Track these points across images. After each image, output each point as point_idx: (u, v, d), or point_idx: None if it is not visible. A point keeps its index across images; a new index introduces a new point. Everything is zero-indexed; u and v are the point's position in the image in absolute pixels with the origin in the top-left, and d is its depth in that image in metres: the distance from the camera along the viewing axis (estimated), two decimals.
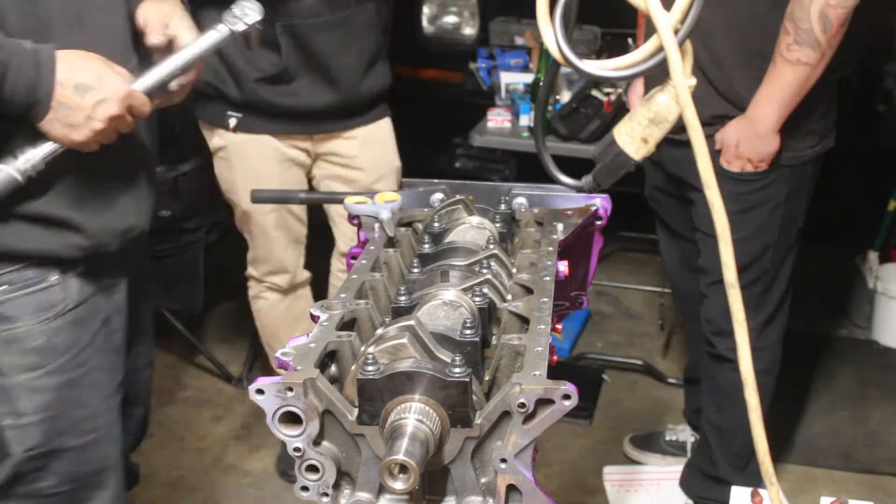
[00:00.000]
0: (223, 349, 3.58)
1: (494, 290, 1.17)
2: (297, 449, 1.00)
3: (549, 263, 1.23)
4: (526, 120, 3.36)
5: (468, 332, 1.04)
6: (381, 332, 1.05)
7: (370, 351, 0.98)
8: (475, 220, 1.33)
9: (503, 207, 1.41)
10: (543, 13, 1.11)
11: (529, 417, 0.95)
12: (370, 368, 0.96)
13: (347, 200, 1.43)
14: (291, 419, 0.99)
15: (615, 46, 3.63)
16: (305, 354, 1.02)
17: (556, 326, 1.29)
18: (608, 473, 2.90)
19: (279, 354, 1.03)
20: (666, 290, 3.55)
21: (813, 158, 2.31)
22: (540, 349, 1.02)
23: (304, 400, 0.97)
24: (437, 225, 1.33)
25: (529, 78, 3.54)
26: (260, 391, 0.98)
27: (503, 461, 0.98)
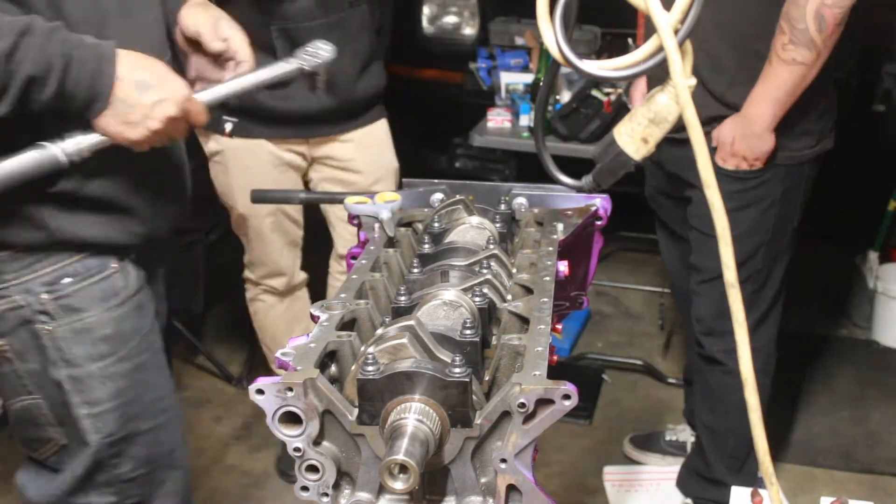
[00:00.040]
0: (223, 349, 3.59)
1: (494, 290, 1.17)
2: (297, 449, 1.00)
3: (549, 263, 1.23)
4: (526, 120, 3.36)
5: (468, 332, 1.04)
6: (381, 332, 1.05)
7: (370, 351, 0.98)
8: (475, 220, 1.33)
9: (503, 207, 1.41)
10: (543, 13, 1.11)
11: (529, 417, 0.95)
12: (370, 368, 0.96)
13: (347, 200, 1.43)
14: (291, 419, 0.99)
15: (615, 46, 3.63)
16: (305, 354, 1.02)
17: (556, 326, 1.29)
18: (608, 473, 2.90)
19: (279, 354, 1.03)
20: (666, 290, 3.55)
21: (811, 159, 2.30)
22: (540, 349, 1.02)
23: (304, 400, 0.97)
24: (437, 225, 1.33)
25: (529, 78, 3.54)
26: (260, 391, 0.98)
27: (503, 461, 0.98)
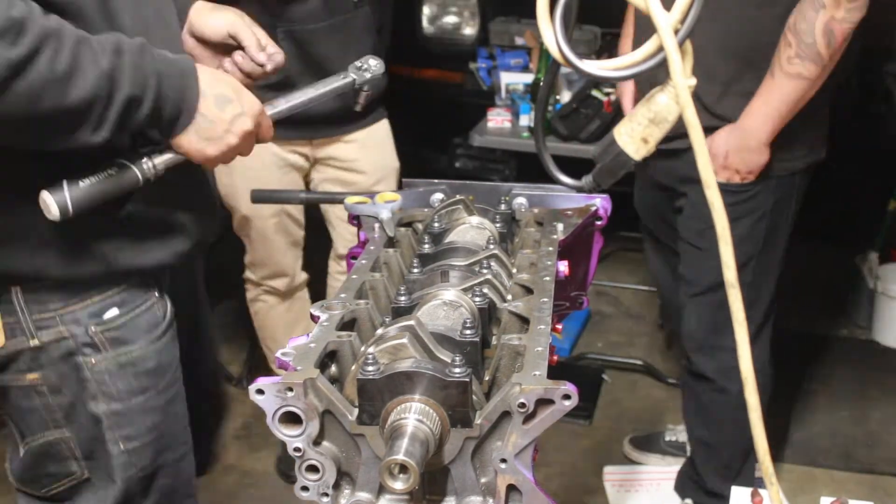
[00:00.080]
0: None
1: (494, 290, 1.17)
2: (297, 449, 1.00)
3: (549, 263, 1.23)
4: (526, 120, 3.36)
5: (468, 332, 1.03)
6: (381, 332, 1.05)
7: (370, 351, 0.98)
8: (475, 220, 1.33)
9: (503, 207, 1.41)
10: (543, 13, 1.11)
11: (529, 417, 0.95)
12: (370, 368, 0.96)
13: (348, 200, 1.43)
14: (291, 419, 0.99)
15: (615, 46, 3.62)
16: (305, 354, 1.02)
17: (556, 326, 1.29)
18: (608, 473, 2.90)
19: (279, 354, 1.03)
20: None
21: (802, 169, 2.25)
22: (540, 349, 1.02)
23: (304, 400, 0.97)
24: (437, 225, 1.32)
25: (529, 78, 3.54)
26: (260, 391, 0.98)
27: (503, 461, 0.98)
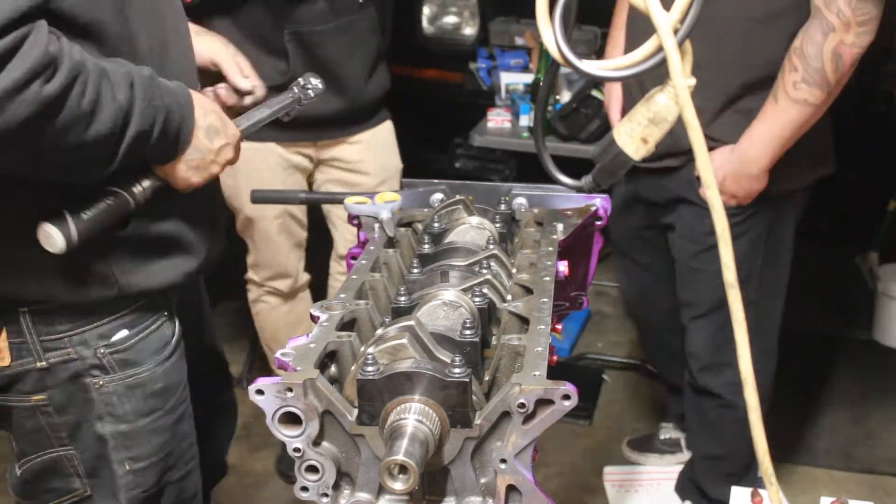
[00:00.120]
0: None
1: (494, 290, 1.17)
2: (296, 449, 1.00)
3: (548, 263, 1.23)
4: (526, 120, 3.36)
5: (468, 332, 1.03)
6: (380, 332, 1.05)
7: (370, 351, 0.98)
8: (475, 220, 1.33)
9: (503, 207, 1.41)
10: (543, 13, 1.11)
11: (529, 418, 0.95)
12: (370, 369, 0.96)
13: (347, 201, 1.43)
14: (291, 419, 0.99)
15: None
16: (305, 355, 1.02)
17: (555, 326, 1.29)
18: (608, 473, 2.90)
19: (279, 355, 1.03)
20: None
21: (802, 188, 2.20)
22: (540, 349, 1.02)
23: (303, 400, 0.97)
24: (436, 225, 1.32)
25: (529, 78, 3.54)
26: (260, 391, 0.98)
27: (503, 461, 0.98)
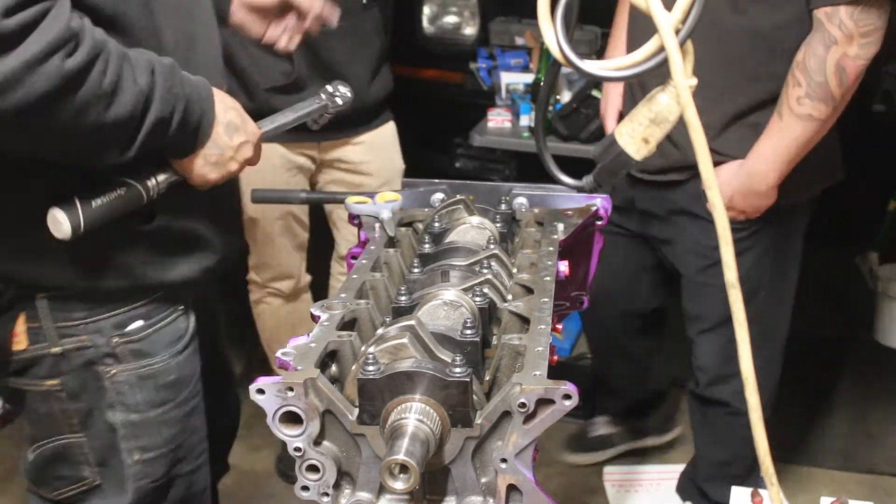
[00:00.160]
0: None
1: (495, 290, 1.17)
2: (297, 449, 1.00)
3: (549, 263, 1.23)
4: (526, 120, 3.36)
5: (468, 332, 1.03)
6: (381, 331, 1.05)
7: (371, 351, 0.98)
8: (475, 220, 1.33)
9: (503, 207, 1.41)
10: (544, 13, 1.11)
11: (530, 417, 0.95)
12: (371, 368, 0.96)
13: (348, 200, 1.43)
14: (292, 419, 0.99)
15: None
16: (306, 354, 1.02)
17: (556, 326, 1.29)
18: (608, 473, 2.90)
19: (279, 354, 1.03)
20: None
21: (808, 199, 2.19)
22: (540, 349, 1.02)
23: (304, 400, 0.97)
24: (437, 225, 1.32)
25: (530, 78, 3.53)
26: (260, 391, 0.98)
27: (504, 461, 0.98)
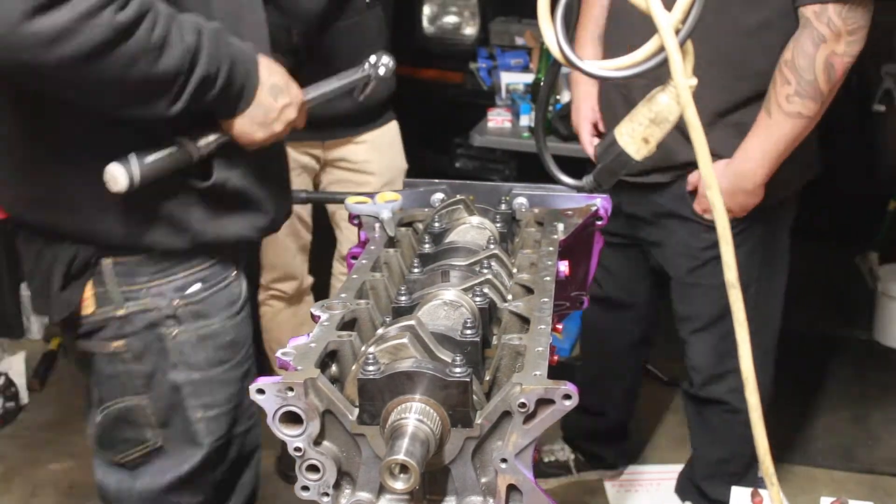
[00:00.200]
0: None
1: (495, 290, 1.17)
2: (297, 449, 1.00)
3: (549, 263, 1.23)
4: (526, 120, 3.36)
5: (469, 332, 1.03)
6: (381, 331, 1.05)
7: (371, 351, 0.98)
8: (475, 220, 1.33)
9: (503, 207, 1.41)
10: (544, 13, 1.11)
11: (530, 417, 0.95)
12: (371, 368, 0.96)
13: (348, 200, 1.43)
14: (292, 419, 0.99)
15: None
16: (306, 354, 1.02)
17: (556, 326, 1.29)
18: (608, 473, 2.90)
19: (279, 354, 1.03)
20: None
21: (792, 194, 2.20)
22: (540, 349, 1.02)
23: (304, 400, 0.97)
24: (437, 225, 1.32)
25: (530, 78, 3.54)
26: (260, 391, 0.98)
27: (504, 461, 0.98)
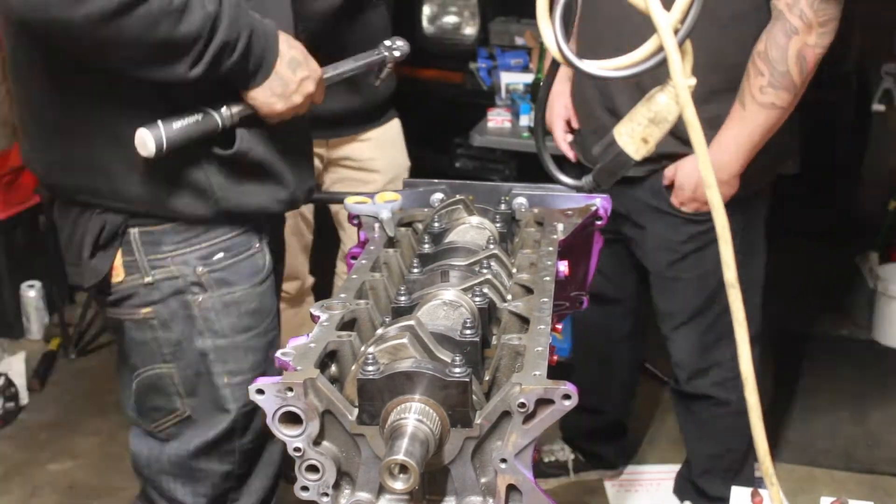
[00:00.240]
0: None
1: (494, 290, 1.17)
2: (297, 449, 1.00)
3: (549, 263, 1.23)
4: (526, 120, 3.36)
5: (468, 332, 1.03)
6: (381, 332, 1.05)
7: (370, 351, 0.98)
8: (475, 220, 1.33)
9: (503, 207, 1.41)
10: (543, 13, 1.11)
11: (529, 417, 0.95)
12: (370, 368, 0.96)
13: (347, 200, 1.43)
14: (291, 419, 0.99)
15: None
16: (305, 354, 1.02)
17: (556, 326, 1.29)
18: (608, 473, 2.90)
19: (279, 354, 1.03)
20: None
21: (766, 185, 2.22)
22: (540, 349, 1.02)
23: (304, 400, 0.97)
24: (437, 225, 1.33)
25: (529, 78, 3.54)
26: (260, 391, 0.98)
27: (503, 461, 0.98)
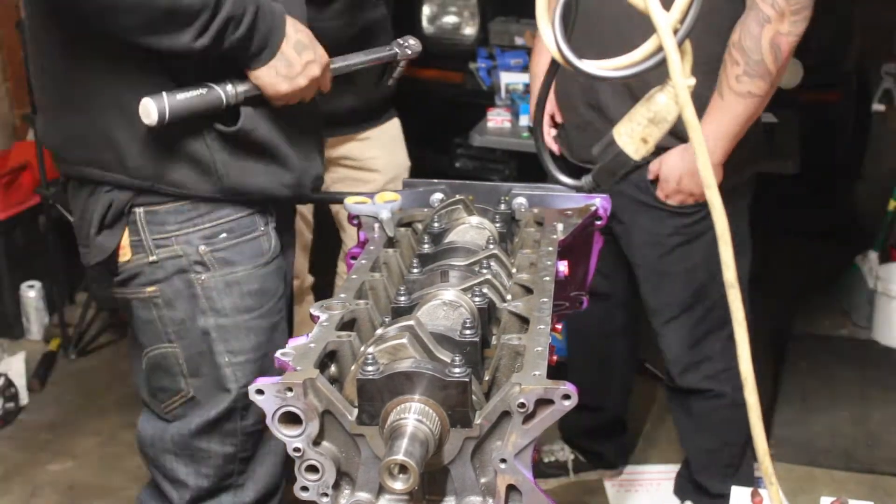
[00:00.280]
0: None
1: (494, 290, 1.17)
2: (296, 449, 1.00)
3: (548, 263, 1.23)
4: (526, 120, 3.36)
5: (468, 332, 1.03)
6: (380, 332, 1.05)
7: (370, 351, 0.98)
8: (475, 220, 1.33)
9: (503, 207, 1.41)
10: (543, 13, 1.11)
11: (529, 417, 0.95)
12: (370, 368, 0.96)
13: (347, 200, 1.43)
14: (291, 419, 0.99)
15: None
16: (305, 354, 1.02)
17: (555, 326, 1.29)
18: (608, 473, 2.90)
19: (279, 354, 1.03)
20: None
21: (744, 181, 2.23)
22: (540, 349, 1.02)
23: (303, 400, 0.97)
24: (436, 225, 1.33)
25: (529, 78, 3.54)
26: (260, 391, 0.98)
27: (503, 461, 0.98)
